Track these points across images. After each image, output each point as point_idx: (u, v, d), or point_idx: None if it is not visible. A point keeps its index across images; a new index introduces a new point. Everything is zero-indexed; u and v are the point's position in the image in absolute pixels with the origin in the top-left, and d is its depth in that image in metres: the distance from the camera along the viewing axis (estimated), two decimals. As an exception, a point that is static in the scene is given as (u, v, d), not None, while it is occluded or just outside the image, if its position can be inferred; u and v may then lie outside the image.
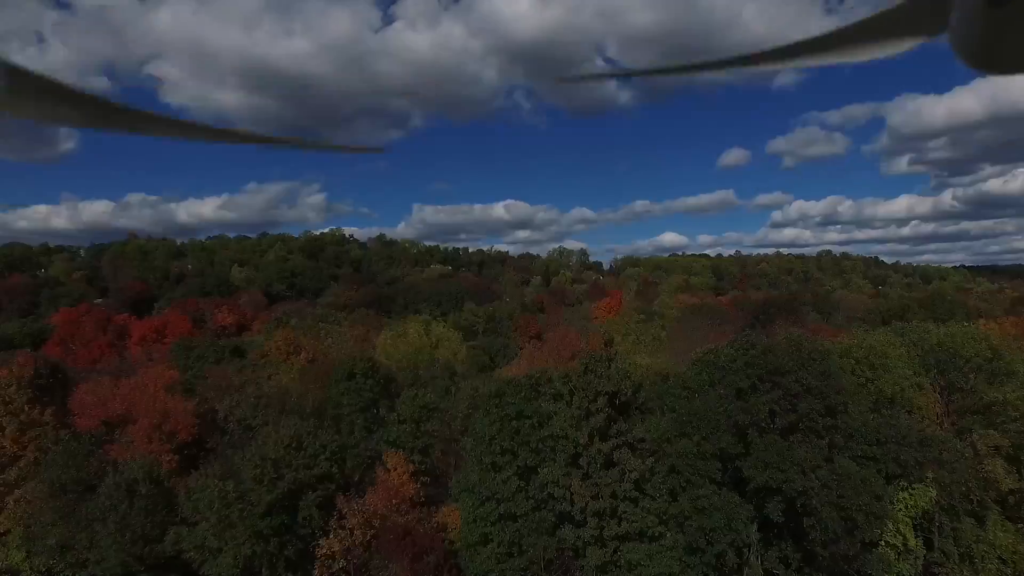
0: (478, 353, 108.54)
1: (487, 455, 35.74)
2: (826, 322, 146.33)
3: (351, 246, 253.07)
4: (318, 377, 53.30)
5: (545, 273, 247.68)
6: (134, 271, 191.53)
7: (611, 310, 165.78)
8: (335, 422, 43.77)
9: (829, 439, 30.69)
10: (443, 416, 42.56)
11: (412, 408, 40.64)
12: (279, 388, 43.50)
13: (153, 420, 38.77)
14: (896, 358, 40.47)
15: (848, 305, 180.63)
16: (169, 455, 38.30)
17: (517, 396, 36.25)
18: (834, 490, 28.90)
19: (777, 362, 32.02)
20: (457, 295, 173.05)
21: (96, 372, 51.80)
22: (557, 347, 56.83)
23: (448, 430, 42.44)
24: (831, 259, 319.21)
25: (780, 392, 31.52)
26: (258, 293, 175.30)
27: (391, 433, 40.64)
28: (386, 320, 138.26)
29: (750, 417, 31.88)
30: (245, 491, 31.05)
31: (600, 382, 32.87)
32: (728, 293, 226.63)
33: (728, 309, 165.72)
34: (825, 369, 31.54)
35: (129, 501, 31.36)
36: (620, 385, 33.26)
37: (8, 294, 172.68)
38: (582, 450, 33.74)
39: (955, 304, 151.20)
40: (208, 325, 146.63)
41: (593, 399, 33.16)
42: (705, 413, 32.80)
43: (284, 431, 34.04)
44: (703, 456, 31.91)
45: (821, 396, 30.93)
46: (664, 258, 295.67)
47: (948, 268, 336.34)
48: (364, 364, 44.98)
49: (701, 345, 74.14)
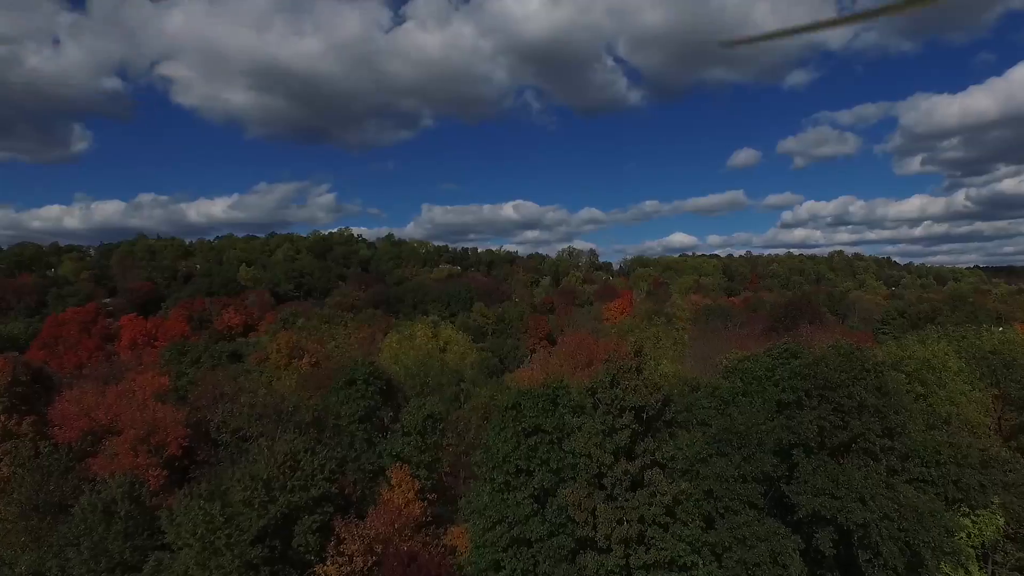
0: (487, 356, 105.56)
1: (500, 474, 32.55)
2: (842, 324, 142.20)
3: (359, 246, 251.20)
4: (321, 382, 50.38)
5: (555, 273, 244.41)
6: (142, 271, 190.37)
7: (622, 311, 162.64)
8: (335, 433, 40.70)
9: (887, 463, 27.16)
10: (452, 427, 39.42)
11: (418, 419, 37.49)
12: (277, 396, 40.47)
13: (140, 431, 35.70)
14: (954, 372, 36.74)
15: (863, 307, 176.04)
16: (156, 470, 35.31)
17: (534, 409, 33.01)
18: (896, 522, 25.41)
19: (827, 374, 28.52)
20: (466, 296, 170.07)
21: (83, 378, 49.12)
22: (572, 352, 53.47)
23: (458, 443, 39.27)
24: (843, 260, 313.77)
25: (830, 408, 27.99)
26: (265, 293, 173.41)
27: (395, 446, 37.52)
28: (394, 321, 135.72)
29: (797, 436, 28.38)
30: (233, 515, 28.00)
31: (628, 395, 29.55)
32: (740, 294, 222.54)
33: (741, 310, 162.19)
34: (882, 384, 28.02)
35: (106, 524, 28.42)
36: (649, 399, 29.92)
37: (16, 293, 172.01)
38: (606, 470, 30.44)
39: (977, 307, 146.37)
40: (214, 325, 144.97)
41: (619, 414, 29.85)
42: (745, 430, 29.38)
43: (278, 448, 30.96)
44: (744, 479, 28.51)
45: (879, 415, 27.38)
46: (674, 258, 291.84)
47: (963, 269, 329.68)
48: (365, 370, 41.87)
49: (721, 350, 70.53)
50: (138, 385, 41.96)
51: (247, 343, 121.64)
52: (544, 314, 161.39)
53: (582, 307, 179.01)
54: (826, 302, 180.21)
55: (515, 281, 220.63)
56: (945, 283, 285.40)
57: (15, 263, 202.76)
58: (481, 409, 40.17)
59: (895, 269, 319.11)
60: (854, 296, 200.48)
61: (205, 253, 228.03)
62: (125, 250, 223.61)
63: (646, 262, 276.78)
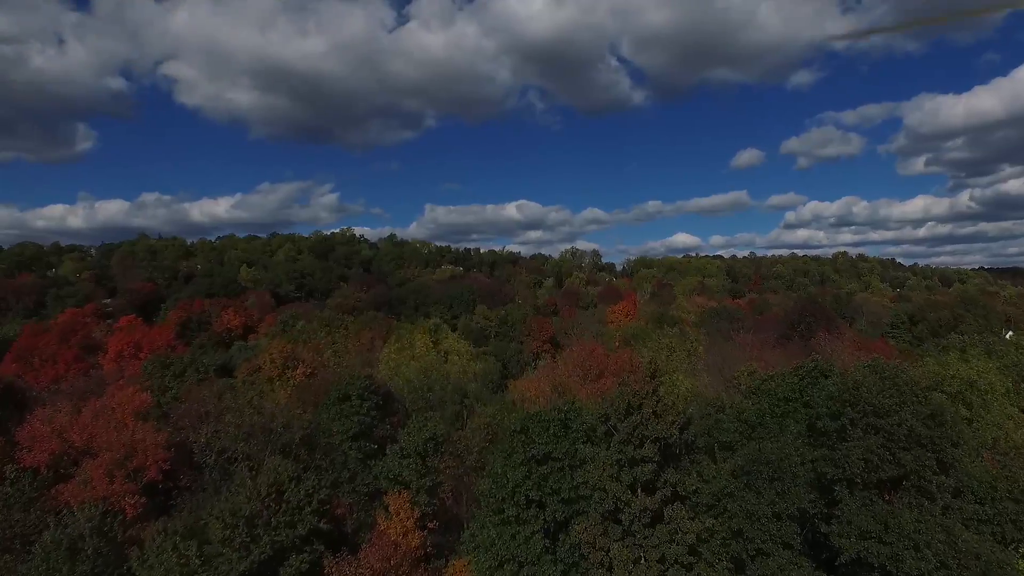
0: (490, 363, 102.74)
1: (509, 505, 29.73)
2: (851, 327, 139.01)
3: (361, 246, 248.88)
4: (316, 395, 47.61)
5: (557, 274, 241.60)
6: (143, 271, 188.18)
7: (626, 314, 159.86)
8: (327, 452, 37.87)
9: (943, 502, 24.27)
10: (454, 449, 36.57)
11: (419, 440, 34.66)
12: (266, 413, 37.65)
13: (117, 454, 32.93)
14: (1000, 393, 33.82)
15: (870, 309, 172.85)
16: (134, 497, 32.57)
17: (544, 434, 30.18)
18: (955, 571, 22.52)
19: (872, 400, 25.62)
20: (468, 297, 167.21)
21: (59, 394, 46.11)
22: (581, 363, 50.56)
23: (460, 466, 36.39)
24: (847, 261, 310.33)
25: (880, 439, 25.04)
26: (265, 294, 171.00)
27: (392, 468, 34.65)
28: (395, 323, 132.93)
29: (842, 470, 25.47)
30: (211, 556, 25.27)
31: (647, 425, 26.71)
32: (744, 296, 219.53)
33: (747, 313, 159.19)
34: (936, 412, 25.11)
35: (71, 564, 25.72)
36: (671, 428, 27.07)
37: (15, 294, 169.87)
38: (623, 505, 27.62)
39: (989, 311, 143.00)
40: (213, 327, 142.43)
41: (638, 445, 27.01)
42: (778, 461, 26.53)
43: (261, 479, 28.18)
44: (778, 516, 25.65)
45: (934, 447, 24.49)
46: (677, 259, 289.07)
47: (968, 270, 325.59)
48: (360, 384, 39.06)
49: (735, 358, 67.50)
50: (117, 402, 38.89)
51: (244, 347, 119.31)
52: (547, 316, 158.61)
53: (586, 309, 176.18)
54: (832, 304, 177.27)
55: (518, 282, 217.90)
56: (950, 284, 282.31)
57: (15, 263, 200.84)
58: (485, 429, 37.33)
59: (900, 270, 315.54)
60: (860, 298, 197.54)
61: (206, 253, 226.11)
62: (126, 250, 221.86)
63: (649, 263, 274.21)
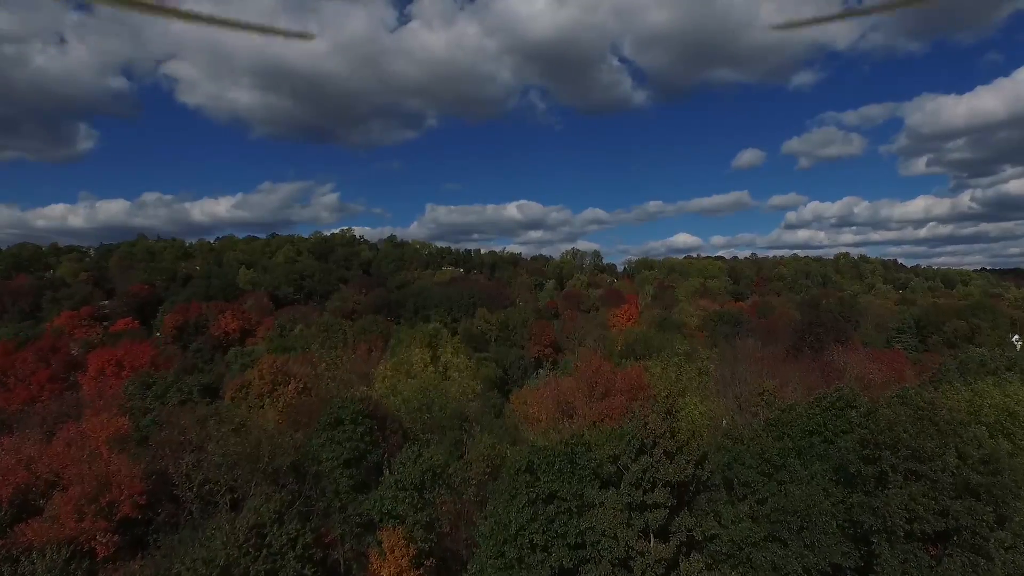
0: (491, 368, 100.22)
1: (511, 548, 27.37)
2: (855, 331, 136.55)
3: (361, 247, 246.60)
4: (309, 415, 44.98)
5: (558, 276, 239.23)
6: (141, 273, 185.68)
7: (629, 318, 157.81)
8: (315, 482, 35.36)
9: (1000, 559, 21.77)
10: (451, 481, 34.05)
11: (414, 472, 32.23)
12: (251, 440, 35.10)
13: (88, 488, 30.28)
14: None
15: (875, 313, 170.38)
16: (105, 535, 30.11)
17: (550, 471, 27.76)
18: (1011, 640, 20.16)
19: (912, 442, 23.11)
20: (469, 301, 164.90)
21: (33, 417, 43.34)
22: (587, 379, 48.10)
23: (458, 501, 33.83)
24: (849, 262, 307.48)
25: (924, 486, 22.54)
26: (264, 297, 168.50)
27: (386, 502, 32.21)
28: (395, 327, 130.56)
29: (882, 521, 22.98)
30: (182, 613, 22.95)
31: (660, 468, 24.33)
32: (747, 298, 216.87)
33: (750, 316, 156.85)
34: (990, 456, 22.57)
35: (29, 621, 23.42)
36: (687, 469, 24.71)
37: (11, 296, 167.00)
38: (634, 553, 25.25)
39: (998, 316, 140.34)
40: (210, 331, 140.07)
41: (650, 488, 24.64)
42: (806, 509, 24.13)
43: (241, 522, 25.80)
44: (808, 572, 23.25)
45: (991, 498, 21.93)
46: (679, 260, 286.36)
47: (970, 272, 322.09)
48: (353, 408, 36.58)
49: (745, 373, 65.09)
50: (91, 428, 36.15)
51: (240, 352, 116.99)
52: (549, 319, 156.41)
53: (587, 313, 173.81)
54: (837, 308, 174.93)
55: (518, 284, 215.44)
56: (953, 286, 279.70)
57: (13, 264, 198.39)
58: (486, 460, 34.76)
59: (902, 272, 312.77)
60: (864, 301, 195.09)
61: (205, 254, 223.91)
62: (125, 251, 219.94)
63: (651, 264, 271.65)
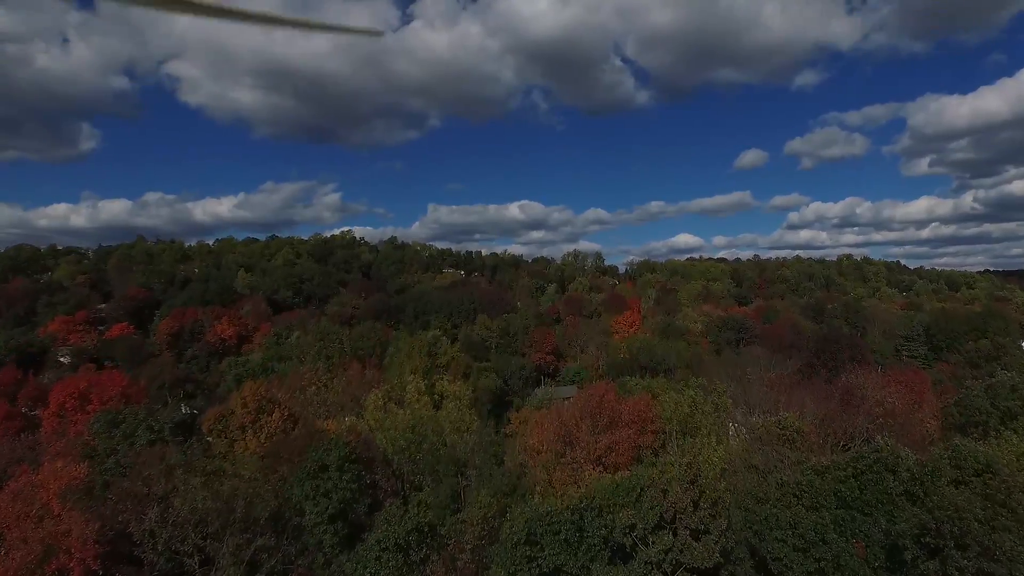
0: (490, 380, 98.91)
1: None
2: (862, 338, 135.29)
3: (361, 249, 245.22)
4: (292, 452, 40.40)
5: (560, 279, 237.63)
6: (139, 275, 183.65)
7: (631, 325, 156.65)
8: (297, 536, 33.57)
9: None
10: (444, 542, 32.20)
11: (399, 531, 30.51)
12: (224, 495, 32.50)
13: (34, 551, 25.97)
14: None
15: (881, 318, 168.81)
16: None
17: (555, 542, 26.30)
18: None
19: (983, 537, 21.26)
20: (469, 307, 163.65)
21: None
22: (591, 411, 46.70)
23: (452, 567, 31.64)
24: (852, 263, 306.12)
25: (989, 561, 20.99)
26: (261, 301, 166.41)
27: (369, 565, 30.16)
28: (394, 334, 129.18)
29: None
30: None
31: (683, 551, 22.99)
32: (750, 301, 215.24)
33: (755, 322, 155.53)
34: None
35: None
36: (712, 558, 23.38)
37: (7, 300, 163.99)
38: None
39: (1009, 323, 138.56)
40: (206, 337, 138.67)
41: (670, 572, 23.35)
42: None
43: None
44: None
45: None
46: (681, 262, 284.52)
47: (974, 273, 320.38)
48: (340, 452, 34.64)
49: (758, 396, 63.82)
50: (43, 479, 31.32)
51: (234, 362, 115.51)
52: (550, 325, 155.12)
53: (589, 318, 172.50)
54: (842, 312, 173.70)
55: (519, 288, 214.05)
56: (957, 288, 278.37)
57: (10, 266, 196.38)
58: (481, 523, 32.46)
59: (905, 273, 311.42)
60: (870, 305, 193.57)
61: (203, 257, 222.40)
62: (123, 253, 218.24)
63: (653, 267, 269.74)
